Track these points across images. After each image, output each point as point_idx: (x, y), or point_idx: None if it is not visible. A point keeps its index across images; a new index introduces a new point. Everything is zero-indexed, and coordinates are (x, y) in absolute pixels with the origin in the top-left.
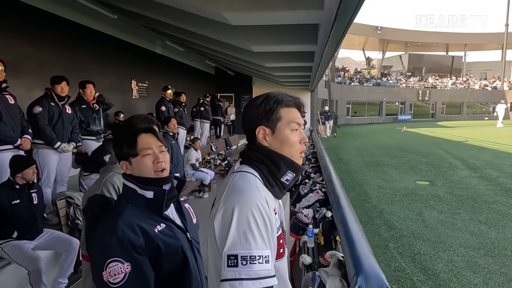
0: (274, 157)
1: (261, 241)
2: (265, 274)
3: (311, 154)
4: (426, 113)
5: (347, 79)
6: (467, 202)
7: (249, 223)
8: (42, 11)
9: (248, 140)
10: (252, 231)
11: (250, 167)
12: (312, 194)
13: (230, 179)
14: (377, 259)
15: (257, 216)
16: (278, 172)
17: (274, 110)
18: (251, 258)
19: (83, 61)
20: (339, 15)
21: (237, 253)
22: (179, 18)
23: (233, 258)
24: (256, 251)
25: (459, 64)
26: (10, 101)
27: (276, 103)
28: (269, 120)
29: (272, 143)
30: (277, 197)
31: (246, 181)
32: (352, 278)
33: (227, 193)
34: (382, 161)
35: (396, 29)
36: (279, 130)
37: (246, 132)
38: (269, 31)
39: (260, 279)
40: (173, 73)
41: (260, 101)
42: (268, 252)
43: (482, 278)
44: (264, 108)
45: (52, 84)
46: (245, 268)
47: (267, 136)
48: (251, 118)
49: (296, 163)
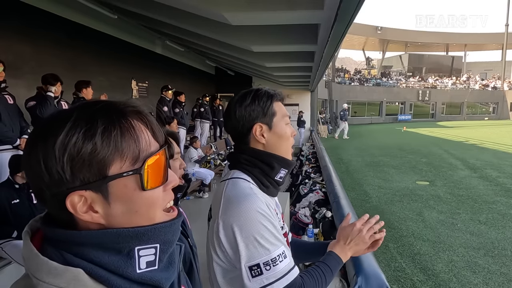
0: (266, 158)
1: (274, 239)
2: (288, 268)
3: (311, 154)
4: (426, 113)
5: (347, 80)
6: (467, 202)
7: (257, 229)
8: (42, 11)
9: (237, 141)
10: (263, 235)
11: (241, 172)
12: (312, 194)
13: (223, 188)
14: (377, 259)
15: (261, 219)
16: (271, 172)
17: (269, 106)
18: (273, 261)
19: (83, 61)
20: (339, 15)
21: (258, 261)
22: (179, 18)
23: (255, 268)
24: (274, 252)
25: (459, 64)
26: (9, 101)
27: (268, 98)
28: (265, 116)
29: (269, 139)
30: (272, 195)
31: (241, 189)
32: (352, 278)
33: (225, 206)
34: (382, 161)
35: (396, 29)
36: (276, 125)
37: (235, 133)
38: (269, 31)
39: (286, 275)
40: (173, 73)
41: (251, 98)
42: (283, 247)
43: (482, 278)
44: (258, 104)
45: (45, 84)
46: (270, 272)
47: (264, 132)
48: (244, 117)
49: (287, 159)
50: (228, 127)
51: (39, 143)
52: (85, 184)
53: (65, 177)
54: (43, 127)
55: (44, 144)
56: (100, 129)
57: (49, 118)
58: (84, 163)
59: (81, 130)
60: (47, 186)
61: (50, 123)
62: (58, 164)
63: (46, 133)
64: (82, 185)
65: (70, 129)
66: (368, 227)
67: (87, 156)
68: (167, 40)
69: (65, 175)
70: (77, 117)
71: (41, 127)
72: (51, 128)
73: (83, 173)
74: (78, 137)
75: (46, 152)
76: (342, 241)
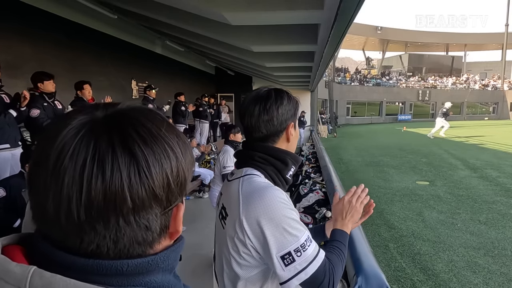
0: (280, 154)
1: (299, 225)
2: (316, 251)
3: (311, 154)
4: (426, 113)
5: (347, 79)
6: (467, 202)
7: (283, 218)
8: (42, 11)
9: (262, 140)
10: (290, 224)
11: (253, 169)
12: (312, 194)
13: (239, 186)
14: (377, 259)
15: (285, 208)
16: (285, 169)
17: (297, 106)
18: (302, 247)
19: (83, 61)
20: (339, 15)
21: (289, 249)
22: (179, 18)
23: (287, 257)
24: (302, 238)
25: (459, 64)
26: (5, 100)
27: (295, 99)
28: (295, 116)
29: (292, 137)
30: None
31: (258, 183)
32: (352, 278)
33: (245, 202)
34: (382, 161)
35: (396, 29)
36: (295, 124)
37: (270, 131)
38: (269, 31)
39: (315, 257)
40: (173, 73)
41: (287, 98)
42: (307, 232)
43: (482, 278)
44: (292, 104)
45: (38, 82)
46: (302, 257)
47: (293, 131)
48: (283, 115)
49: (297, 156)
50: (262, 124)
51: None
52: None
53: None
54: None
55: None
56: None
57: None
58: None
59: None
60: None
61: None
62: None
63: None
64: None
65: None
66: (356, 198)
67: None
68: (167, 40)
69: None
70: None
71: None
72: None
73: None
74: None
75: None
76: (339, 217)
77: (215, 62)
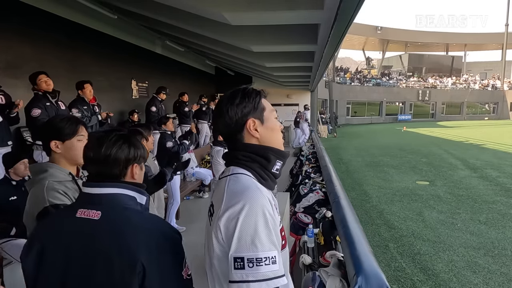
0: (262, 151)
1: (268, 242)
2: (273, 275)
3: (311, 154)
4: (426, 113)
5: (348, 79)
6: (467, 202)
7: (255, 225)
8: (42, 11)
9: (230, 140)
10: (258, 234)
11: (240, 168)
12: (312, 194)
13: (225, 184)
14: (377, 259)
15: (263, 218)
16: (269, 165)
17: (258, 101)
18: (257, 260)
19: (83, 61)
20: (339, 15)
21: (243, 255)
22: (179, 18)
23: (239, 261)
24: (262, 253)
25: (459, 64)
26: (1, 101)
27: (256, 94)
28: (256, 111)
29: (263, 132)
30: (270, 188)
31: (244, 184)
32: (352, 278)
33: (228, 198)
34: (382, 161)
35: (396, 29)
36: (267, 119)
37: (229, 131)
38: (269, 31)
39: (267, 280)
40: (173, 73)
41: (241, 96)
42: (275, 253)
43: (482, 278)
44: (248, 100)
45: (34, 81)
46: (252, 270)
47: (257, 127)
48: (236, 114)
49: (281, 150)
50: (220, 126)
51: None
52: None
53: None
54: None
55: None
56: None
57: None
58: None
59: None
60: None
61: None
62: None
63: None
64: None
65: None
66: None
67: None
68: (167, 40)
69: None
70: None
71: None
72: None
73: None
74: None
75: None
76: None
77: (215, 62)
